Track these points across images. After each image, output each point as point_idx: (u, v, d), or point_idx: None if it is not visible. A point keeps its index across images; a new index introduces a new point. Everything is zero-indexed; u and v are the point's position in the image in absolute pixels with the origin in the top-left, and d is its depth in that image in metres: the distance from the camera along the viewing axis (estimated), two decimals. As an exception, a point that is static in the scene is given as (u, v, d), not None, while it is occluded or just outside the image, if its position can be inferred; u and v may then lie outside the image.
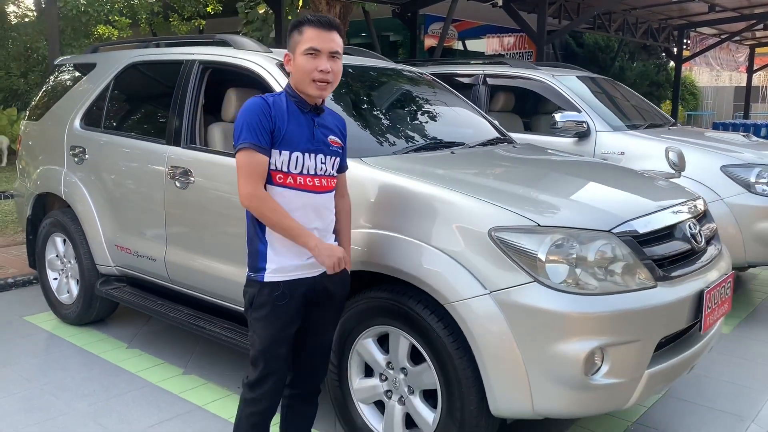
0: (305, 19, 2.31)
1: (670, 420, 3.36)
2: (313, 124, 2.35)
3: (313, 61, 2.28)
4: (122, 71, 4.25)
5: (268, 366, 2.36)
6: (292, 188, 2.30)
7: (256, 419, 2.42)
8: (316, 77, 2.28)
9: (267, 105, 2.29)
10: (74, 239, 4.35)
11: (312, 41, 2.28)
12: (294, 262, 2.33)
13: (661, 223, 2.68)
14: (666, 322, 2.51)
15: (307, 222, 2.32)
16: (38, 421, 3.24)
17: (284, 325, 2.35)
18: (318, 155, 2.35)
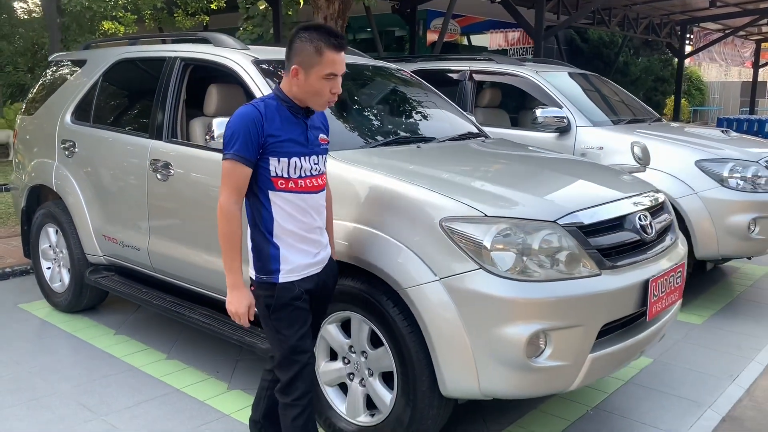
0: (324, 39, 2.27)
1: (628, 405, 3.49)
2: (305, 128, 2.39)
3: (329, 83, 2.30)
4: (110, 68, 4.41)
5: (299, 362, 2.39)
6: (294, 192, 2.34)
7: (302, 421, 2.43)
8: (330, 99, 2.34)
9: (260, 115, 2.28)
10: (65, 230, 4.52)
11: (333, 66, 2.28)
12: (305, 261, 2.40)
13: (608, 214, 2.79)
14: (609, 308, 2.63)
15: (311, 222, 2.39)
16: (23, 401, 3.41)
17: (305, 320, 2.41)
18: (312, 156, 2.39)
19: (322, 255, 2.47)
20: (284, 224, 2.35)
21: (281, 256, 2.35)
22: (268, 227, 2.35)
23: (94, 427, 3.16)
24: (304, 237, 2.39)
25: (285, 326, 2.38)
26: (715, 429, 3.26)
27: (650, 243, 2.94)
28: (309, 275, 2.41)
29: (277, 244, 2.35)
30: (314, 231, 2.43)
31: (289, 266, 2.36)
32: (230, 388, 3.59)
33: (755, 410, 3.46)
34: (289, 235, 2.36)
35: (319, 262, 2.45)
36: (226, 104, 3.77)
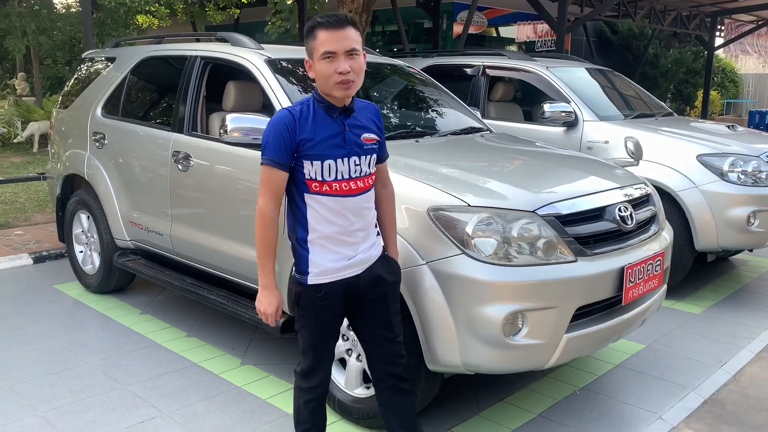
0: (315, 22, 2.28)
1: (615, 387, 3.68)
2: (344, 128, 2.35)
3: (331, 64, 2.25)
4: (137, 65, 4.72)
5: (317, 357, 2.50)
6: (328, 195, 2.33)
7: (313, 405, 2.56)
8: (337, 80, 2.26)
9: (292, 120, 2.30)
10: (96, 216, 4.85)
11: (326, 44, 2.24)
12: (337, 265, 2.39)
13: (586, 205, 2.99)
14: (583, 292, 2.84)
15: (348, 225, 2.37)
16: (56, 371, 3.74)
17: (328, 321, 2.47)
18: (351, 158, 2.35)
19: (361, 257, 2.43)
20: (318, 226, 2.36)
21: (310, 259, 2.38)
22: (302, 229, 2.38)
23: (118, 395, 3.48)
24: (339, 240, 2.38)
25: (306, 323, 2.47)
26: (695, 410, 3.43)
27: (629, 233, 3.13)
28: (343, 278, 2.41)
29: (308, 247, 2.38)
30: (352, 234, 2.40)
31: (317, 269, 2.38)
32: (243, 364, 3.87)
33: (739, 394, 3.63)
34: (321, 238, 2.37)
35: (358, 264, 2.43)
36: (243, 100, 4.03)
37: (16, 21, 12.89)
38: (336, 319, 2.51)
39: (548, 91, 5.82)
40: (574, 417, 3.34)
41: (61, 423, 3.19)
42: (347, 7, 10.51)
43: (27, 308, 4.73)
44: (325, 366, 2.55)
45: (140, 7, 12.43)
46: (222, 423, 3.22)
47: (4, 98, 14.01)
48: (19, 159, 11.28)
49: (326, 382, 2.58)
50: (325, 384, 2.57)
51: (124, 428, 3.16)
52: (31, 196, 8.28)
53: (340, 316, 2.53)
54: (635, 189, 3.38)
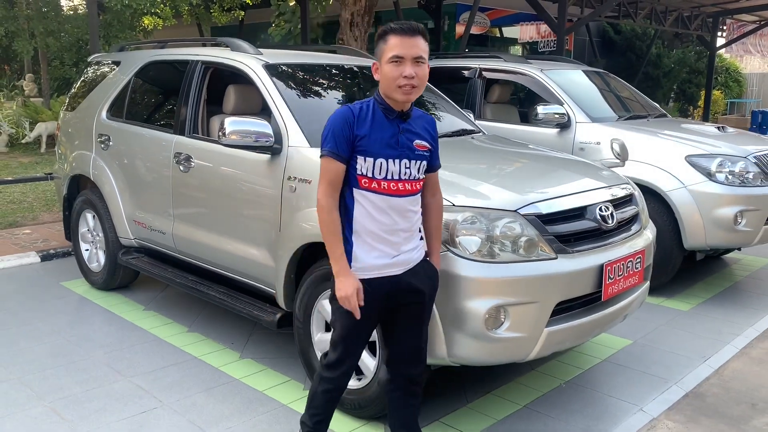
0: (389, 28, 2.42)
1: (600, 380, 3.81)
2: (398, 130, 2.45)
3: (398, 68, 2.37)
4: (141, 69, 4.88)
5: (346, 351, 2.59)
6: (376, 192, 2.43)
7: (331, 395, 2.67)
8: (401, 83, 2.37)
9: (351, 115, 2.42)
10: (101, 215, 5.01)
11: (395, 49, 2.37)
12: (379, 262, 2.48)
13: (567, 205, 3.12)
14: (563, 288, 2.97)
15: (392, 224, 2.46)
16: (62, 364, 3.90)
17: (364, 318, 2.50)
18: (402, 160, 2.44)
19: (403, 257, 2.51)
20: (362, 221, 2.46)
21: (353, 253, 2.47)
22: (347, 223, 2.47)
23: (122, 386, 3.63)
24: (382, 237, 2.47)
25: (341, 318, 2.54)
26: (676, 402, 3.56)
27: (610, 231, 3.26)
28: (384, 276, 2.49)
29: (352, 241, 2.47)
30: (395, 233, 2.48)
31: (359, 264, 2.47)
32: (242, 357, 4.02)
33: (720, 388, 3.75)
34: (365, 233, 2.46)
35: (399, 264, 2.51)
36: (243, 103, 4.19)
37: (24, 23, 13.11)
38: (371, 317, 2.56)
39: (542, 93, 5.95)
40: (558, 408, 3.47)
41: (66, 412, 3.35)
42: (349, 9, 10.68)
43: (35, 304, 4.89)
44: (351, 360, 2.63)
45: (146, 9, 12.62)
46: (220, 413, 3.37)
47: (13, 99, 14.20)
48: (27, 159, 11.47)
49: (348, 376, 2.67)
50: (346, 377, 2.67)
51: (126, 417, 3.31)
52: (39, 196, 8.45)
53: (376, 315, 2.57)
54: (618, 189, 3.51)
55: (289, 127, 3.60)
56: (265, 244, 3.66)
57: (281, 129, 3.61)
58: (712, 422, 3.37)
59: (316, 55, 4.61)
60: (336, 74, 4.39)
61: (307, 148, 3.51)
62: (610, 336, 4.38)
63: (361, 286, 2.47)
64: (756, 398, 3.63)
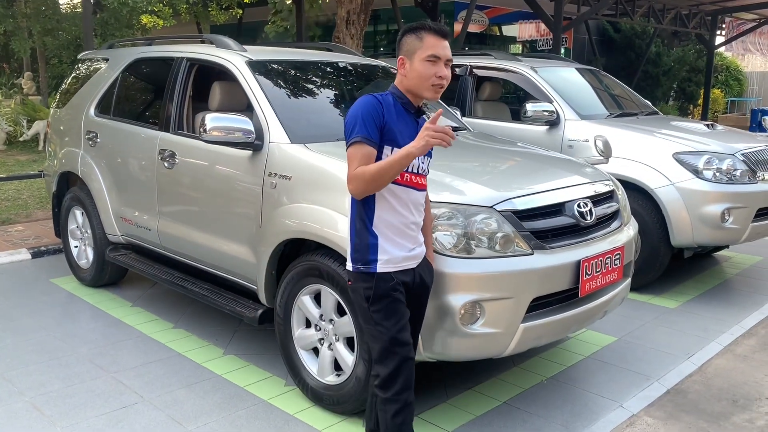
0: (424, 26, 2.41)
1: (581, 377, 3.81)
2: (416, 126, 2.46)
3: (433, 67, 2.37)
4: (128, 66, 4.89)
5: (400, 355, 2.43)
6: (400, 184, 2.41)
7: (402, 417, 2.45)
8: (435, 82, 2.38)
9: (379, 103, 2.38)
10: (89, 212, 5.03)
11: (434, 48, 2.37)
12: (402, 253, 2.46)
13: (543, 201, 3.13)
14: (539, 284, 2.97)
15: (410, 217, 2.47)
16: (46, 360, 3.91)
17: (403, 312, 2.46)
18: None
19: (417, 251, 2.53)
20: (384, 215, 2.42)
21: (379, 246, 2.43)
22: (370, 216, 2.43)
23: (104, 382, 3.65)
24: (402, 231, 2.46)
25: (384, 317, 2.43)
26: (657, 399, 3.56)
27: (588, 228, 3.26)
28: (406, 268, 2.49)
29: (376, 234, 2.43)
30: (411, 226, 2.49)
31: (386, 256, 2.43)
32: (225, 354, 4.03)
33: (702, 384, 3.75)
34: (388, 227, 2.43)
35: (415, 257, 2.52)
36: (228, 100, 4.20)
37: (22, 22, 13.12)
38: (406, 313, 2.48)
39: (532, 90, 5.95)
40: (538, 404, 3.48)
41: (47, 407, 3.36)
42: (346, 7, 10.66)
43: (23, 301, 4.91)
44: (406, 366, 2.45)
45: (143, 8, 12.63)
46: (200, 408, 3.38)
47: (11, 97, 14.23)
48: (25, 157, 11.49)
49: (410, 387, 2.46)
50: (409, 389, 2.46)
51: (106, 412, 3.32)
52: (34, 193, 8.47)
53: (408, 309, 2.50)
54: (598, 185, 3.51)
55: (271, 124, 3.60)
56: (247, 240, 3.67)
57: (263, 125, 3.62)
58: (691, 418, 3.37)
59: (301, 53, 4.62)
60: (320, 71, 4.40)
61: (288, 144, 3.52)
62: (595, 333, 4.39)
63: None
64: (738, 395, 3.63)
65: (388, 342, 2.43)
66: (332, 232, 3.10)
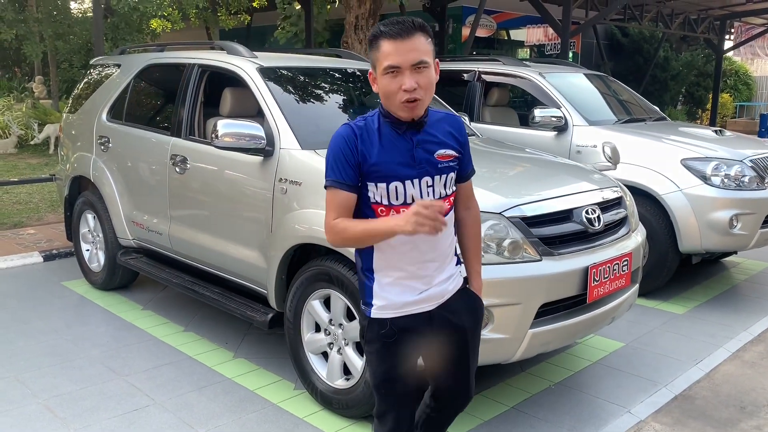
0: (378, 31, 1.99)
1: (589, 382, 3.83)
2: (412, 145, 2.05)
3: (395, 80, 1.97)
4: (140, 72, 4.94)
5: (384, 402, 2.24)
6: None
7: None
8: (402, 98, 1.97)
9: (353, 135, 2.03)
10: (101, 216, 5.08)
11: (389, 57, 1.96)
12: (403, 299, 2.12)
13: (552, 208, 3.15)
14: (547, 290, 3.00)
15: (418, 256, 2.08)
16: (58, 362, 3.96)
17: (396, 362, 2.17)
18: (422, 179, 2.05)
19: (433, 291, 2.14)
20: (384, 256, 2.09)
21: (374, 290, 2.13)
22: (367, 258, 2.13)
23: (115, 385, 3.69)
24: (408, 272, 2.10)
25: (373, 361, 2.20)
26: (664, 405, 3.57)
27: (596, 234, 3.28)
28: (411, 314, 2.13)
29: (373, 277, 2.13)
30: (424, 266, 2.10)
31: (381, 302, 2.13)
32: (235, 357, 4.07)
33: (710, 391, 3.76)
34: (388, 268, 2.11)
35: (431, 299, 2.14)
36: (239, 106, 4.24)
37: (34, 26, 13.25)
38: (405, 362, 2.18)
39: (540, 96, 5.97)
40: (546, 410, 3.49)
41: (60, 410, 3.41)
42: (354, 12, 10.73)
43: (35, 304, 4.96)
44: (397, 412, 2.22)
45: (153, 12, 12.73)
46: (210, 411, 3.42)
47: (22, 101, 14.35)
48: (36, 160, 11.59)
49: (402, 427, 2.24)
50: (401, 428, 2.24)
51: (118, 415, 3.36)
52: (45, 197, 8.55)
53: (409, 359, 2.19)
54: (606, 192, 3.53)
55: (281, 130, 3.64)
56: (257, 245, 3.71)
57: (273, 131, 3.66)
58: (699, 425, 3.38)
59: (311, 59, 4.66)
60: (330, 77, 4.44)
61: (299, 150, 3.55)
62: (603, 338, 4.40)
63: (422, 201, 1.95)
64: (745, 401, 3.63)
65: (375, 385, 2.24)
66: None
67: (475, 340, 2.31)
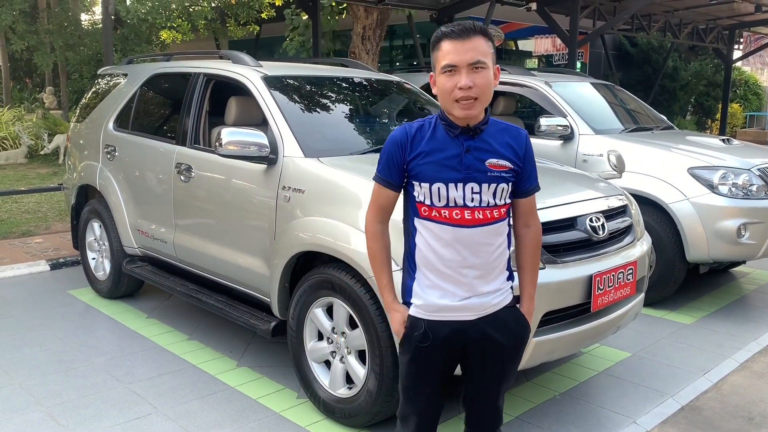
0: (440, 33, 2.05)
1: (594, 392, 3.79)
2: (462, 149, 2.06)
3: (452, 78, 2.01)
4: (146, 81, 4.97)
5: (409, 405, 2.25)
6: (437, 222, 2.08)
7: None
8: (457, 96, 2.00)
9: (405, 137, 2.10)
10: (107, 225, 5.10)
11: (447, 57, 2.01)
12: (443, 302, 2.12)
13: (555, 215, 3.13)
14: (550, 299, 2.97)
15: (459, 260, 2.08)
16: (62, 370, 3.96)
17: (428, 367, 2.19)
18: (468, 184, 2.05)
19: (476, 301, 2.11)
20: (425, 254, 2.11)
21: (413, 289, 2.16)
22: (411, 253, 2.17)
23: (118, 393, 3.68)
24: (447, 275, 2.10)
25: (404, 363, 2.22)
26: (671, 416, 3.53)
27: (600, 242, 3.26)
28: (448, 320, 2.12)
29: (413, 276, 2.16)
30: (465, 271, 2.09)
31: (419, 301, 2.14)
32: (239, 366, 4.06)
33: (718, 401, 3.71)
34: (428, 268, 2.12)
35: (471, 309, 2.11)
36: (244, 115, 4.25)
37: (45, 37, 13.40)
38: (435, 369, 2.19)
39: (546, 105, 5.96)
40: (550, 420, 3.46)
41: (63, 417, 3.40)
42: (361, 23, 10.78)
43: (41, 312, 4.98)
44: (416, 418, 2.24)
45: (162, 23, 12.84)
46: (213, 420, 3.40)
47: (33, 111, 14.49)
48: (45, 170, 11.67)
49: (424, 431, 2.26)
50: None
51: (121, 423, 3.36)
52: (53, 206, 8.60)
53: (441, 367, 2.20)
54: (611, 200, 3.51)
55: (285, 138, 3.65)
56: (261, 253, 3.71)
57: (277, 139, 3.66)
58: (706, 436, 3.34)
59: (316, 68, 4.68)
60: (335, 86, 4.45)
61: (302, 158, 3.56)
62: (609, 348, 4.36)
63: (406, 317, 2.16)
64: (754, 412, 3.59)
65: (402, 386, 2.26)
66: (345, 245, 3.13)
67: (513, 363, 2.27)
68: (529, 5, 11.70)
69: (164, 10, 11.78)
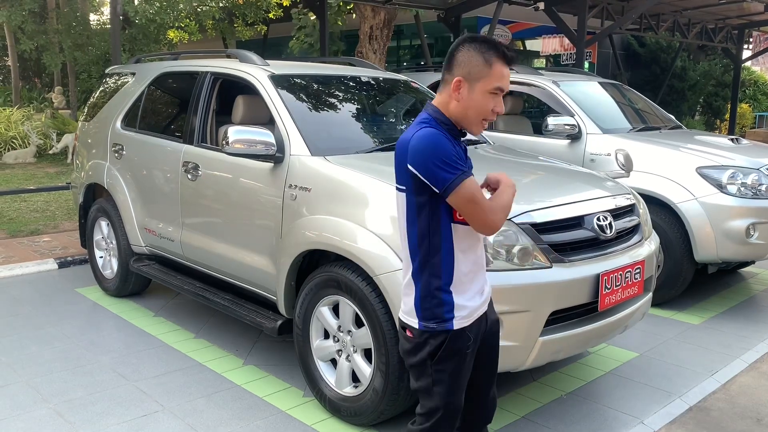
0: (497, 47, 2.02)
1: (602, 392, 3.77)
2: (465, 153, 2.15)
3: (493, 100, 2.04)
4: (154, 80, 4.98)
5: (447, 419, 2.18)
6: (465, 224, 2.09)
7: None
8: (489, 117, 2.06)
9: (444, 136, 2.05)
10: (114, 223, 5.11)
11: (503, 80, 2.03)
12: (476, 302, 2.16)
13: (562, 214, 3.12)
14: (557, 298, 2.96)
15: (479, 257, 2.18)
16: (70, 368, 3.98)
17: (467, 372, 2.20)
18: None
19: (488, 291, 2.26)
20: (462, 261, 2.11)
21: (455, 303, 2.10)
22: (445, 266, 2.08)
23: (125, 391, 3.69)
24: (474, 274, 2.16)
25: (447, 377, 2.13)
26: (679, 416, 3.51)
27: (608, 241, 3.24)
28: (479, 317, 2.19)
29: (451, 290, 2.09)
30: (482, 268, 2.21)
31: (464, 312, 2.11)
32: (245, 364, 4.06)
33: (726, 402, 3.69)
34: (465, 276, 2.12)
35: (485, 302, 2.23)
36: (251, 113, 4.25)
37: (54, 37, 13.46)
38: (470, 370, 2.21)
39: (554, 104, 5.95)
40: (556, 419, 3.45)
41: (70, 414, 3.41)
42: (369, 23, 10.79)
43: (49, 310, 5.00)
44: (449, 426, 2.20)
45: (170, 23, 12.87)
46: (219, 418, 3.41)
47: (42, 111, 14.56)
48: (54, 169, 11.72)
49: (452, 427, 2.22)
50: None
51: (128, 420, 3.36)
52: (62, 205, 8.64)
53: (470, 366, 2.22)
54: (618, 199, 3.49)
55: (291, 136, 3.65)
56: (267, 252, 3.71)
57: (284, 138, 3.66)
58: (714, 437, 3.32)
59: (323, 67, 4.68)
60: (342, 85, 4.45)
61: (309, 157, 3.56)
62: (616, 348, 4.34)
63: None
64: (762, 413, 3.56)
65: (443, 405, 2.15)
66: (351, 243, 3.13)
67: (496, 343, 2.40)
68: (537, 5, 11.68)
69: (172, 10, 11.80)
